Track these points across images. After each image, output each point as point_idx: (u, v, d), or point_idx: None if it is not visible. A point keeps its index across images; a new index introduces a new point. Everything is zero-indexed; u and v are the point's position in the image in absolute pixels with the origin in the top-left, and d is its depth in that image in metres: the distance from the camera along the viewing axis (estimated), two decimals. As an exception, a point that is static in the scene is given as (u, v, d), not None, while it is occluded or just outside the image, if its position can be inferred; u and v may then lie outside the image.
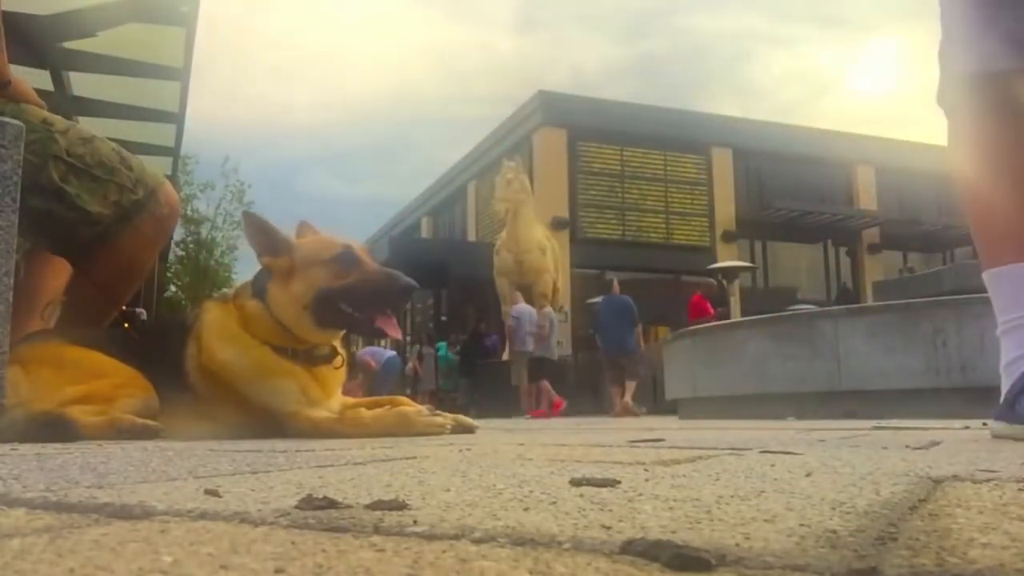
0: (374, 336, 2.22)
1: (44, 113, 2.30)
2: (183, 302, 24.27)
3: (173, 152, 8.30)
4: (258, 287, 2.21)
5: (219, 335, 2.16)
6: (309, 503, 0.62)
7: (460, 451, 1.40)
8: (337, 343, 2.31)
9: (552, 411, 10.30)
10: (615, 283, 11.20)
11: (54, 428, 1.79)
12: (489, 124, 24.66)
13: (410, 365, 15.40)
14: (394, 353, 14.49)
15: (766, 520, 0.57)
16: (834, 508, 0.62)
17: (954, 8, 1.70)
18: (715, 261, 17.78)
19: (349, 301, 2.15)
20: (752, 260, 20.07)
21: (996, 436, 1.64)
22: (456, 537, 0.50)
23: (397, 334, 2.24)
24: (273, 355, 2.14)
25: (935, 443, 1.55)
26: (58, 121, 2.33)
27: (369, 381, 12.65)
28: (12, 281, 1.85)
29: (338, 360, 2.28)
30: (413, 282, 2.17)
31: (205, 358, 2.14)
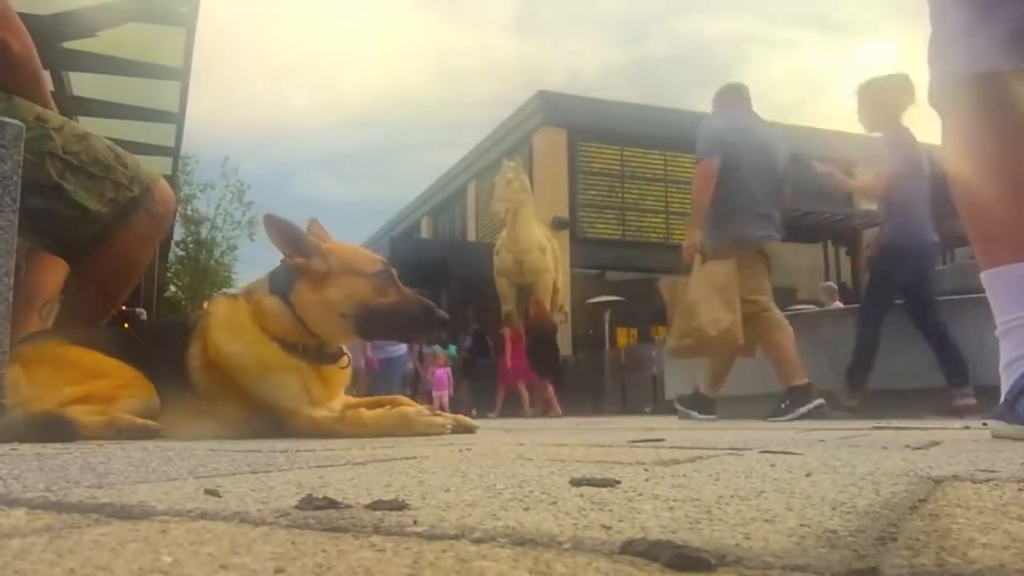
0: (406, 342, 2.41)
1: (37, 109, 2.29)
2: (183, 302, 24.27)
3: (173, 152, 8.30)
4: (278, 285, 2.21)
5: (227, 329, 2.16)
6: (309, 503, 0.62)
7: (460, 451, 1.40)
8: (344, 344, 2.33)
9: None
10: None
11: (54, 428, 1.79)
12: (488, 127, 24.67)
13: (410, 365, 15.38)
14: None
15: (766, 520, 0.57)
16: (834, 508, 0.62)
17: (944, 7, 1.69)
18: (715, 261, 17.76)
19: (386, 320, 2.21)
20: (752, 260, 20.05)
21: (996, 436, 1.64)
22: (456, 537, 0.50)
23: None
24: (280, 351, 2.15)
25: (935, 443, 1.55)
26: (52, 118, 2.32)
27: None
28: (12, 281, 1.85)
29: (344, 360, 2.29)
30: (446, 316, 2.29)
31: (212, 352, 2.15)
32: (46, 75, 5.71)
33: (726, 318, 4.21)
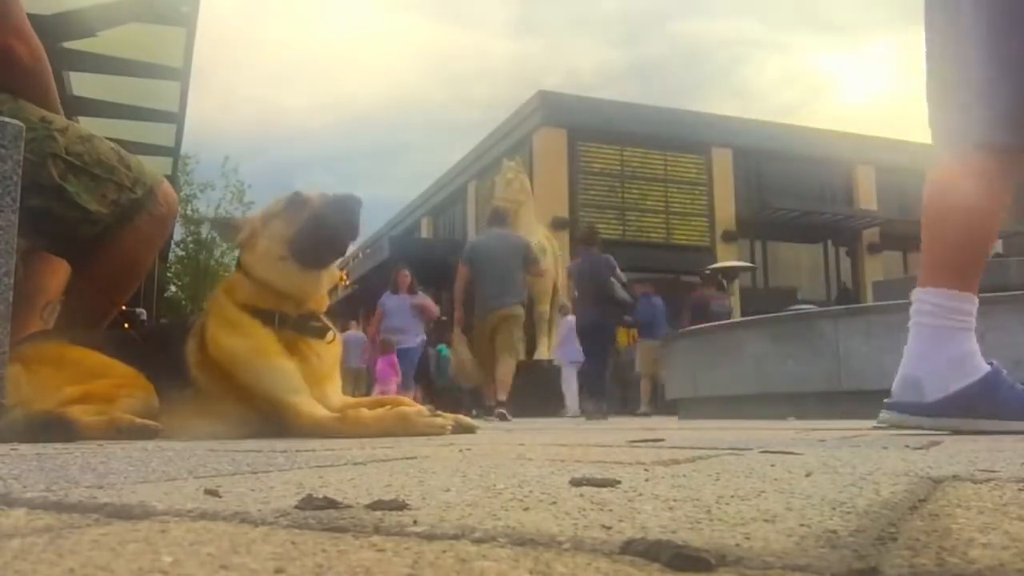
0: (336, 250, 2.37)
1: (42, 111, 2.30)
2: (183, 302, 24.27)
3: (173, 152, 8.31)
4: (238, 263, 2.39)
5: (221, 321, 2.23)
6: (309, 503, 0.62)
7: (460, 451, 1.40)
8: (323, 309, 2.36)
9: None
10: None
11: (54, 428, 1.79)
12: (486, 127, 24.67)
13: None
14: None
15: (766, 520, 0.57)
16: (834, 508, 0.62)
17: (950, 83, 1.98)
18: (715, 261, 17.78)
19: (311, 239, 2.24)
20: (752, 260, 20.06)
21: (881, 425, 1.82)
22: (456, 537, 0.50)
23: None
24: (273, 339, 2.18)
25: (935, 443, 1.55)
26: (57, 120, 2.32)
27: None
28: (12, 281, 1.85)
29: (330, 335, 2.31)
30: (354, 195, 2.30)
31: (211, 346, 2.18)
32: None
33: (462, 361, 7.38)
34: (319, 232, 2.24)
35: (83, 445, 1.61)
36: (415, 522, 0.56)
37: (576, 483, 0.80)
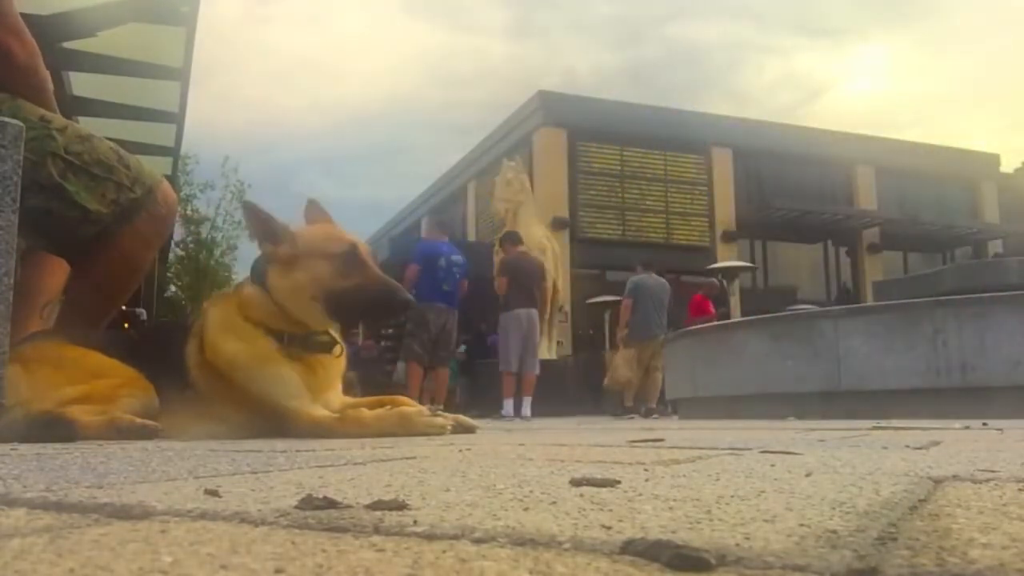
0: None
1: (41, 111, 2.30)
2: (183, 302, 24.25)
3: (173, 152, 8.30)
4: (257, 273, 2.24)
5: (218, 324, 2.18)
6: (309, 503, 0.62)
7: (460, 451, 1.40)
8: (335, 331, 2.32)
9: None
10: None
11: (54, 428, 1.79)
12: (485, 129, 24.67)
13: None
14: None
15: (766, 520, 0.57)
16: (834, 508, 0.62)
17: None
18: (715, 261, 17.77)
19: (349, 303, 2.18)
20: (752, 260, 20.05)
21: None
22: (456, 537, 0.50)
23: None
24: (270, 344, 2.15)
25: (935, 443, 1.55)
26: (56, 119, 2.32)
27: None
28: (12, 281, 1.85)
29: (337, 349, 2.28)
30: (410, 298, 2.28)
31: (209, 352, 2.15)
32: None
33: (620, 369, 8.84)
34: (359, 305, 2.19)
35: (83, 445, 1.61)
36: (415, 522, 0.56)
37: (576, 483, 0.80)
